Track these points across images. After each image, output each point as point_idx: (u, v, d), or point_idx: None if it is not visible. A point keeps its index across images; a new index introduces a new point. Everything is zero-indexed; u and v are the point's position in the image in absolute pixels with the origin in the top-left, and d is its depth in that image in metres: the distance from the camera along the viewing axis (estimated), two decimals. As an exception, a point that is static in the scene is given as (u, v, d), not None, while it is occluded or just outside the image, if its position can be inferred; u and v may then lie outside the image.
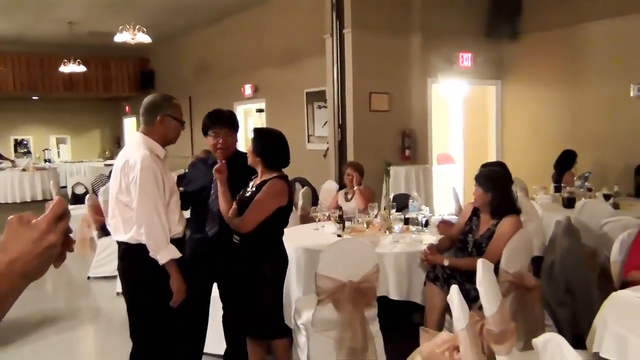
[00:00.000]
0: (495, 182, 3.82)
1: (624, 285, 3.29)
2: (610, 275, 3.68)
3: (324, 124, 8.54)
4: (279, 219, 3.24)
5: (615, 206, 5.46)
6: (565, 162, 6.88)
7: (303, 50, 8.94)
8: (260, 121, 11.16)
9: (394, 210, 4.66)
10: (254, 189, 3.23)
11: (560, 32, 7.80)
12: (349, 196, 5.34)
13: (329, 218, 4.72)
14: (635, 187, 6.38)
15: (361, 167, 5.49)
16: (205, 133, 3.39)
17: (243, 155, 3.37)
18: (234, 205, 3.20)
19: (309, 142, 9.35)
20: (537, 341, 1.98)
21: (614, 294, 2.80)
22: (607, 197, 5.76)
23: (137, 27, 9.58)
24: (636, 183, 6.39)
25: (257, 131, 3.33)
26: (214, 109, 3.48)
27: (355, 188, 5.27)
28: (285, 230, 3.36)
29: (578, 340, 2.92)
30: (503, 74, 8.78)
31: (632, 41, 6.98)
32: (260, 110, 11.26)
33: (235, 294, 3.32)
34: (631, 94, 6.99)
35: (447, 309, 3.41)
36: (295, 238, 4.14)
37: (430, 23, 7.86)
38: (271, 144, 3.25)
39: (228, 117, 3.44)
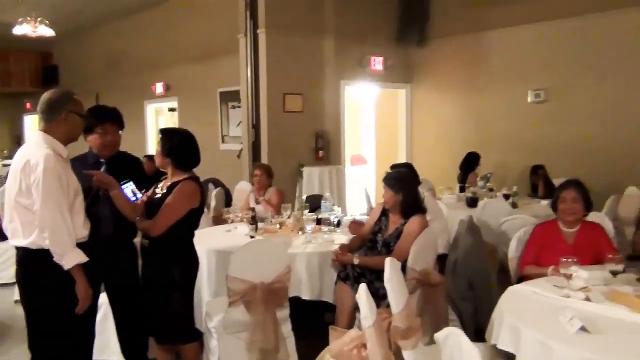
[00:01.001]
0: (403, 183, 3.94)
1: (520, 279, 3.50)
2: (508, 270, 3.90)
3: (238, 124, 8.47)
4: (191, 221, 3.18)
5: (514, 205, 5.80)
6: (470, 163, 7.23)
7: (217, 49, 8.82)
8: (173, 120, 10.89)
9: (306, 211, 4.70)
10: (164, 190, 3.14)
11: (465, 39, 8.19)
12: (260, 198, 5.33)
13: (242, 219, 4.69)
14: (530, 187, 6.80)
15: (269, 169, 5.49)
16: (89, 131, 3.22)
17: (126, 156, 3.27)
18: (140, 206, 3.11)
19: (223, 142, 9.24)
20: (438, 335, 2.07)
21: (510, 288, 2.97)
22: (506, 196, 6.10)
23: (39, 19, 9.06)
24: (531, 183, 6.82)
25: (164, 131, 3.25)
26: (96, 105, 3.38)
27: (265, 198, 5.24)
28: (196, 232, 3.30)
29: (480, 334, 3.06)
30: (412, 78, 9.10)
31: (529, 50, 7.45)
32: (172, 109, 10.97)
33: (143, 298, 3.22)
34: (529, 100, 7.46)
35: (357, 308, 3.48)
36: (207, 240, 4.08)
37: (343, 26, 8.00)
38: (179, 144, 3.17)
39: (116, 114, 3.34)
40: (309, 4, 7.82)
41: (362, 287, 2.51)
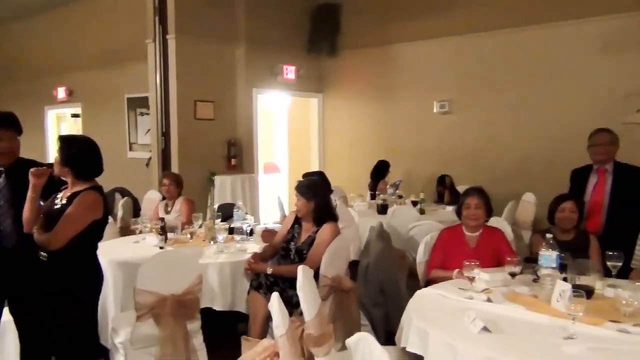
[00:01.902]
0: (316, 191, 3.98)
1: (428, 283, 3.63)
2: (417, 274, 4.03)
3: (147, 132, 8.21)
4: (93, 233, 3.02)
5: (422, 212, 6.01)
6: (380, 171, 7.42)
7: (124, 53, 8.51)
8: (76, 127, 10.36)
9: (218, 220, 4.63)
10: (64, 201, 2.97)
11: (375, 51, 8.42)
12: (169, 208, 5.20)
13: (150, 230, 4.55)
14: (437, 195, 7.10)
15: (179, 178, 5.36)
16: None
17: (31, 164, 3.10)
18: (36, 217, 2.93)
19: (131, 150, 8.92)
20: (350, 341, 2.09)
21: (418, 292, 3.07)
22: (414, 203, 6.32)
23: None
24: (437, 192, 7.12)
25: (63, 139, 3.05)
26: None
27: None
28: (102, 244, 3.15)
29: (390, 338, 3.13)
30: (324, 87, 9.22)
31: (435, 62, 7.78)
32: (75, 115, 10.45)
33: (43, 314, 3.02)
34: (434, 110, 7.77)
35: (270, 317, 3.47)
36: (112, 252, 3.91)
37: (255, 34, 7.98)
38: (79, 152, 2.99)
39: (12, 118, 3.16)
40: (221, 11, 7.74)
41: (275, 295, 2.50)
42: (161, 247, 4.12)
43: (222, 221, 4.63)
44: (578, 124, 5.85)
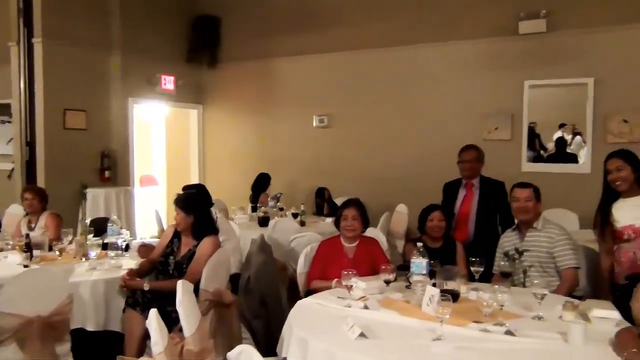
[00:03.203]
0: (195, 204, 3.93)
1: (309, 293, 3.69)
2: (297, 286, 4.10)
3: (9, 141, 7.59)
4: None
5: (302, 223, 6.12)
6: (261, 184, 7.45)
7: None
8: None
9: (91, 236, 4.39)
10: None
11: (256, 64, 8.48)
12: (33, 224, 4.85)
13: (13, 247, 4.21)
14: (316, 207, 7.27)
15: (42, 192, 5.04)
16: None
17: None
18: None
19: (-11, 161, 8.20)
20: (231, 354, 2.08)
21: (298, 302, 3.12)
22: (295, 215, 6.42)
23: None
24: (316, 204, 7.29)
25: None
26: None
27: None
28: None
29: (272, 349, 3.15)
30: (204, 99, 9.11)
31: (315, 77, 7.99)
32: None
33: None
34: (314, 124, 7.97)
35: (148, 335, 3.35)
36: (-31, 272, 3.56)
37: (131, 42, 7.72)
38: None
39: None
40: (93, 15, 7.40)
41: (153, 312, 2.43)
42: (26, 266, 3.82)
43: (94, 236, 4.40)
44: (448, 139, 6.31)
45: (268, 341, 4.07)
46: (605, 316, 2.70)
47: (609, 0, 6.04)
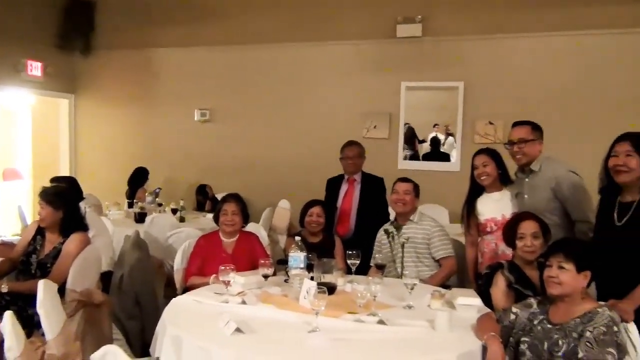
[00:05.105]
0: (64, 198, 3.67)
1: (186, 290, 3.59)
2: (174, 283, 3.97)
3: None
4: None
5: (182, 219, 5.95)
6: (138, 178, 7.15)
7: None
8: None
9: (-61, 234, 3.96)
10: None
11: (134, 54, 8.08)
12: None
13: None
14: (197, 204, 7.12)
15: None
16: None
17: None
18: None
19: None
20: (94, 356, 1.97)
21: (173, 300, 3.02)
22: (174, 211, 6.23)
23: None
24: (197, 201, 7.15)
25: None
26: None
27: None
28: None
29: (147, 350, 3.02)
30: (77, 88, 8.55)
31: (195, 70, 7.78)
32: None
33: None
34: (195, 118, 7.77)
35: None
36: None
37: (-8, 24, 7.06)
38: None
39: None
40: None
41: (7, 314, 2.23)
42: None
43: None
44: (329, 136, 6.43)
45: (144, 342, 3.91)
46: (469, 303, 2.89)
47: (478, 10, 6.47)
